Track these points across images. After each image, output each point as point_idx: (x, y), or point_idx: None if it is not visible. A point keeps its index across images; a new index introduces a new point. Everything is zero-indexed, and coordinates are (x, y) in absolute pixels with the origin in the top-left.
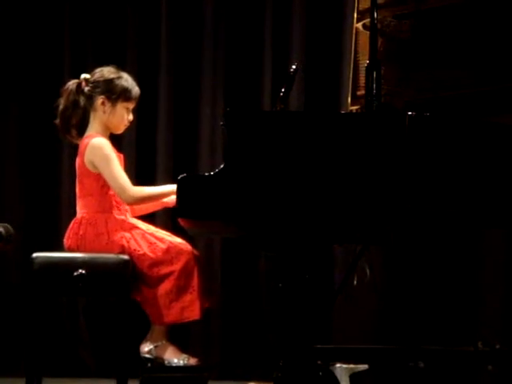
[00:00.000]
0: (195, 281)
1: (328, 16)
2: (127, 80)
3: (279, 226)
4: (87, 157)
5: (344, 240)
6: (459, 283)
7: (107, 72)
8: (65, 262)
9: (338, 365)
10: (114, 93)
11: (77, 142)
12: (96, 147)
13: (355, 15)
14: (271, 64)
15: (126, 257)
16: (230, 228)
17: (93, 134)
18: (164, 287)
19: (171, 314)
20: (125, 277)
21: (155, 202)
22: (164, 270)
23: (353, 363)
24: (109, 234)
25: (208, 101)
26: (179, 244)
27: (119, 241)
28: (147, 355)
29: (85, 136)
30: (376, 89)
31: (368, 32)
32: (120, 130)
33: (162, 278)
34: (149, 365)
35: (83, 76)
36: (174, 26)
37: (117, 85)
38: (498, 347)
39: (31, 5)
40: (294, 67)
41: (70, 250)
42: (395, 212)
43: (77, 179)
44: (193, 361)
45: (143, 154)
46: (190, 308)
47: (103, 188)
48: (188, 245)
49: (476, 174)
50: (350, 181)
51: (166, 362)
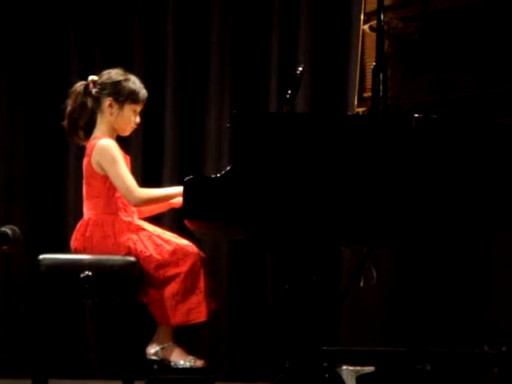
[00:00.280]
0: (201, 282)
1: (335, 18)
2: (135, 82)
3: (286, 228)
4: (94, 158)
5: (351, 242)
6: (466, 285)
7: (115, 74)
8: (71, 264)
9: (345, 367)
10: (122, 95)
11: (84, 144)
12: (103, 148)
13: (362, 17)
14: (278, 66)
15: (133, 258)
16: (237, 229)
17: (100, 136)
18: (170, 289)
19: (177, 316)
20: (131, 279)
21: (161, 204)
22: (170, 272)
23: (359, 365)
24: (115, 236)
25: (215, 103)
26: (186, 246)
27: (126, 242)
28: (153, 357)
29: (92, 137)
30: (383, 91)
31: (375, 34)
32: (127, 132)
33: (169, 280)
34: (155, 366)
35: (91, 78)
36: (181, 29)
37: (124, 87)
38: (505, 350)
39: (39, 7)
40: (301, 69)
41: (77, 252)
42: (401, 214)
43: (84, 181)
44: (199, 363)
45: (150, 156)
46: (197, 310)
47: (110, 190)
48: (194, 247)
49: (483, 176)
50: (356, 183)
51: (173, 364)
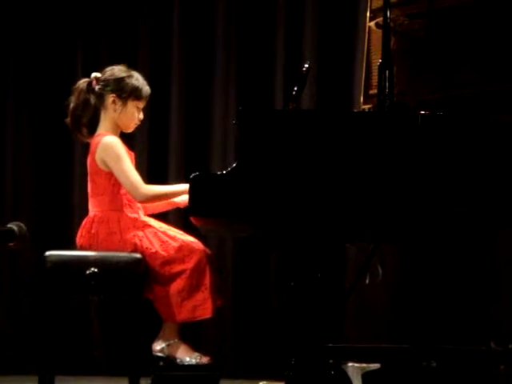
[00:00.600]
0: (207, 279)
1: (340, 15)
2: (138, 79)
3: (291, 225)
4: (99, 155)
5: (356, 238)
6: (472, 282)
7: (118, 71)
8: (77, 261)
9: (350, 364)
10: (125, 91)
11: (88, 141)
12: (107, 145)
13: (368, 14)
14: (283, 63)
15: (139, 255)
16: (243, 226)
17: (104, 133)
18: (176, 285)
19: (183, 313)
20: (137, 275)
21: (166, 202)
22: (176, 269)
23: (365, 362)
24: (121, 233)
25: (220, 99)
26: (191, 242)
27: (132, 239)
28: (159, 353)
29: (96, 134)
30: (389, 88)
31: (381, 31)
32: (130, 129)
33: (174, 277)
34: (161, 363)
35: (94, 75)
36: (186, 26)
37: (127, 83)
38: (511, 347)
39: (45, 6)
40: (307, 66)
41: (83, 249)
42: (407, 210)
43: (88, 178)
44: (205, 359)
45: (155, 153)
46: (202, 306)
47: (115, 186)
48: (200, 243)
49: (489, 173)
50: (362, 180)
51: (178, 361)
